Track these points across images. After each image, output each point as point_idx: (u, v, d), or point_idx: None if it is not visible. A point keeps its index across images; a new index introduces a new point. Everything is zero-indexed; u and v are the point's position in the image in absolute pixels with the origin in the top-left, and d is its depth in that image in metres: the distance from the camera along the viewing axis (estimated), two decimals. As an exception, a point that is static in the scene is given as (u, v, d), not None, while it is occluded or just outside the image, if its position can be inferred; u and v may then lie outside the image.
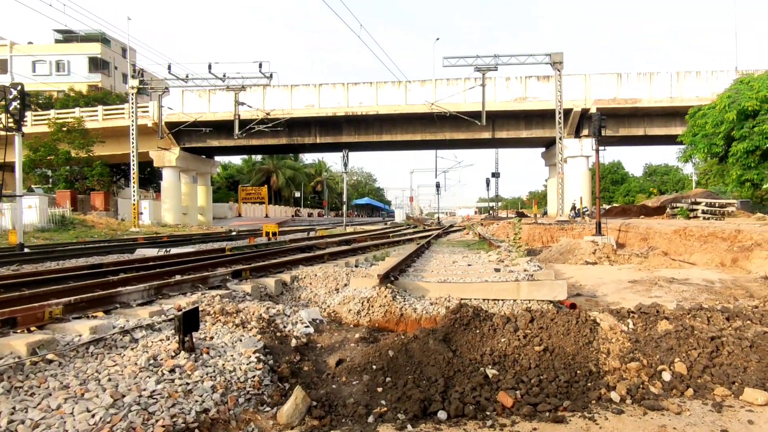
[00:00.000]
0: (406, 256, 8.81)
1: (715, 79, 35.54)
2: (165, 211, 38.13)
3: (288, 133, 37.79)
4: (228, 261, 8.92)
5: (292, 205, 75.24)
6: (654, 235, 18.16)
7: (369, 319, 6.18)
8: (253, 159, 75.33)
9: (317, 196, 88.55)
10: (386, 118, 37.20)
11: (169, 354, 3.73)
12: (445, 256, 10.91)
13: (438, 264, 9.30)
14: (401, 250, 12.75)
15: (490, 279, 7.12)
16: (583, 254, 15.70)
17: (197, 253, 11.25)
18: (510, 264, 8.44)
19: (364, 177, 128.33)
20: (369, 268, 9.12)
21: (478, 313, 4.94)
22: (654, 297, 9.01)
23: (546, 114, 36.59)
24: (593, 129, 20.12)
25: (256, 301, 5.78)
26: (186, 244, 16.34)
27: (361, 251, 11.91)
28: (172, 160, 37.89)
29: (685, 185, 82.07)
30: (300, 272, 7.62)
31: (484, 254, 11.01)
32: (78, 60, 58.05)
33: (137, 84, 29.14)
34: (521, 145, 43.67)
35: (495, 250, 11.35)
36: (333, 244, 14.65)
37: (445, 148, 43.46)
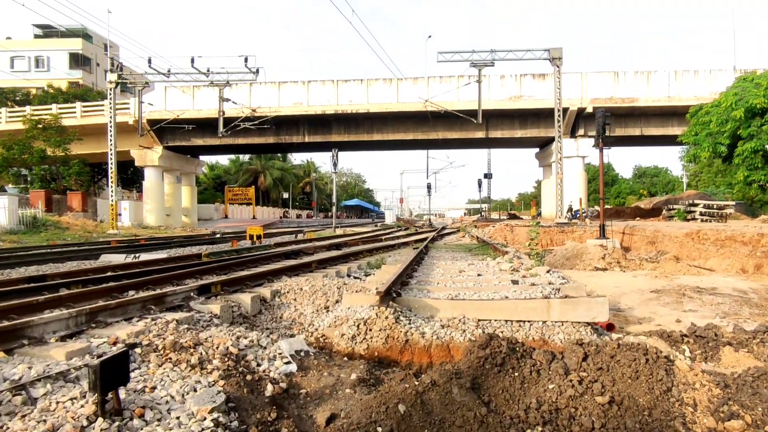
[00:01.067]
0: (406, 265, 7.62)
1: (713, 78, 34.81)
2: (147, 213, 36.61)
3: (275, 132, 36.48)
4: (200, 271, 7.68)
5: (280, 207, 73.77)
6: (663, 239, 17.17)
7: (366, 346, 4.99)
8: (240, 159, 73.76)
9: (306, 197, 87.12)
10: (377, 117, 36.03)
11: (80, 424, 2.51)
12: (448, 264, 9.75)
13: (443, 273, 8.12)
14: (397, 256, 11.57)
15: (510, 294, 5.95)
16: (592, 259, 14.62)
17: (168, 260, 9.97)
18: (527, 274, 7.29)
19: (354, 178, 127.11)
20: (364, 279, 7.93)
21: (513, 348, 3.76)
22: (689, 312, 7.91)
23: (541, 113, 35.67)
24: (597, 127, 19.08)
25: (225, 327, 4.56)
26: (162, 249, 15.03)
27: (354, 257, 10.70)
28: (154, 159, 36.41)
29: (676, 187, 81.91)
30: (283, 285, 6.41)
31: (491, 261, 9.86)
32: (58, 56, 56.21)
33: (116, 78, 27.68)
34: (515, 145, 42.72)
35: (503, 257, 10.21)
36: (322, 249, 13.43)
37: (437, 147, 42.38)
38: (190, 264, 8.64)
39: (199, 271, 7.66)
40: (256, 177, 69.94)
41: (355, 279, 8.33)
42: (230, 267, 8.42)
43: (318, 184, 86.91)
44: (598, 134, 19.24)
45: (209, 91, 33.52)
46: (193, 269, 7.74)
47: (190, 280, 7.00)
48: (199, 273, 7.51)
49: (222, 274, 7.82)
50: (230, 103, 29.08)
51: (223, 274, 7.82)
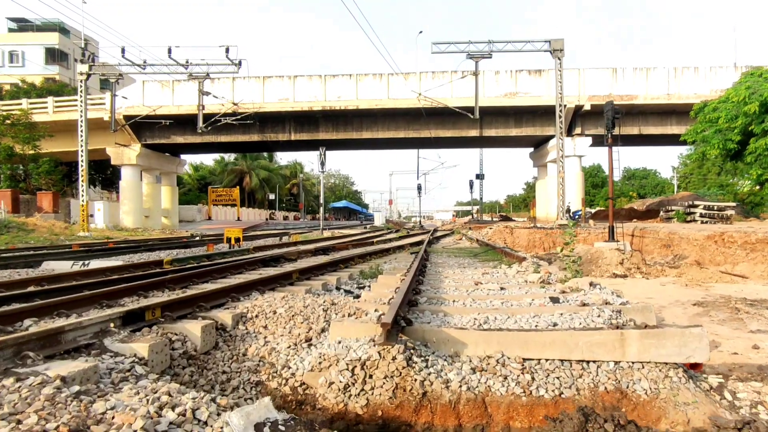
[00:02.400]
0: (411, 278, 6.04)
1: (714, 75, 33.73)
2: (124, 214, 34.66)
3: (260, 129, 34.74)
4: (150, 285, 6.03)
5: (266, 208, 71.85)
6: (680, 242, 15.80)
7: (366, 401, 3.41)
8: (225, 160, 71.79)
9: (293, 198, 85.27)
10: (367, 114, 34.45)
11: None
12: (457, 273, 8.20)
13: (456, 287, 6.55)
14: (395, 263, 9.99)
15: (558, 320, 4.39)
16: (609, 265, 13.14)
17: (121, 269, 8.30)
18: (566, 288, 5.75)
19: (342, 179, 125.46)
20: (357, 295, 6.34)
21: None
22: (758, 332, 6.44)
23: (537, 110, 34.37)
24: (606, 121, 17.70)
25: (149, 383, 2.94)
26: (128, 253, 13.32)
27: (344, 265, 9.09)
28: (131, 157, 34.49)
29: (665, 189, 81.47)
30: (252, 305, 4.80)
31: (507, 269, 8.33)
32: (34, 51, 53.90)
33: (87, 69, 25.80)
34: (510, 144, 41.37)
35: (520, 264, 8.68)
36: (307, 254, 11.81)
37: (429, 146, 40.91)
38: (144, 275, 6.99)
39: (149, 285, 6.00)
40: (241, 178, 68.01)
41: (346, 294, 6.74)
42: (191, 279, 6.78)
43: (305, 185, 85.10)
44: (607, 129, 17.86)
45: (190, 85, 31.71)
46: (143, 282, 6.09)
47: (128, 299, 5.37)
48: (147, 288, 5.86)
49: (177, 288, 6.19)
50: (211, 97, 27.32)
51: (179, 288, 6.19)
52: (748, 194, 54.64)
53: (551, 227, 21.68)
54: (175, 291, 6.04)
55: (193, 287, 6.43)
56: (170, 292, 5.83)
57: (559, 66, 24.24)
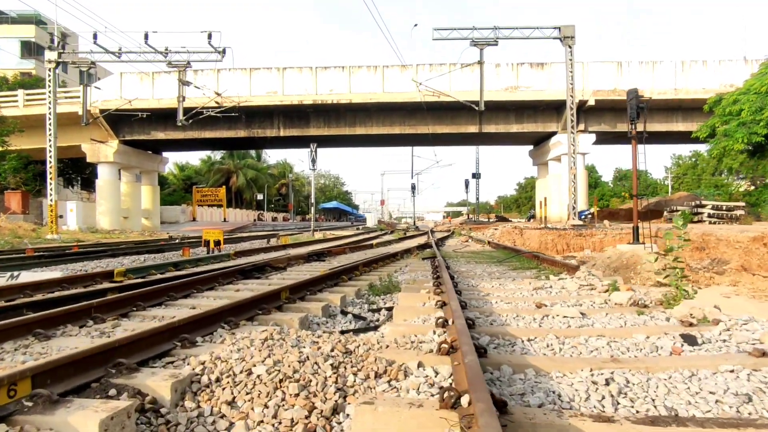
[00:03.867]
0: (456, 302, 4.12)
1: (723, 69, 32.24)
2: (100, 215, 32.40)
3: (246, 124, 32.68)
4: (58, 316, 4.01)
5: (254, 209, 69.56)
6: (717, 245, 14.09)
7: None
8: (211, 159, 69.42)
9: (282, 198, 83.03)
10: (360, 108, 32.52)
11: None
12: (495, 286, 6.31)
13: (512, 311, 4.64)
14: (409, 272, 8.07)
15: (750, 390, 2.48)
16: (649, 272, 11.33)
17: (50, 284, 6.29)
18: (683, 315, 3.88)
19: (332, 180, 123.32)
20: (375, 329, 4.42)
21: None
22: None
23: (539, 106, 32.71)
24: (630, 111, 15.99)
25: None
26: (83, 260, 11.27)
27: (346, 276, 7.13)
28: (108, 154, 32.24)
29: (659, 189, 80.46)
30: (212, 358, 2.84)
31: (556, 281, 6.48)
32: (9, 44, 51.23)
33: (56, 57, 23.61)
34: (509, 141, 39.66)
35: (571, 275, 6.83)
36: (299, 260, 9.86)
37: (426, 143, 39.06)
38: (70, 296, 4.99)
39: (63, 315, 4.00)
40: (228, 177, 65.73)
41: (356, 321, 4.82)
42: (137, 301, 4.82)
43: (294, 185, 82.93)
44: (630, 120, 16.14)
45: (171, 78, 29.57)
46: (54, 311, 4.11)
47: (10, 343, 3.41)
48: (57, 322, 3.87)
49: (109, 318, 4.22)
50: (192, 88, 25.20)
51: (112, 318, 4.23)
52: (743, 194, 53.51)
53: (564, 228, 19.93)
54: (104, 323, 4.07)
55: (132, 316, 4.47)
56: (90, 329, 3.86)
57: (570, 55, 22.48)
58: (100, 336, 3.78)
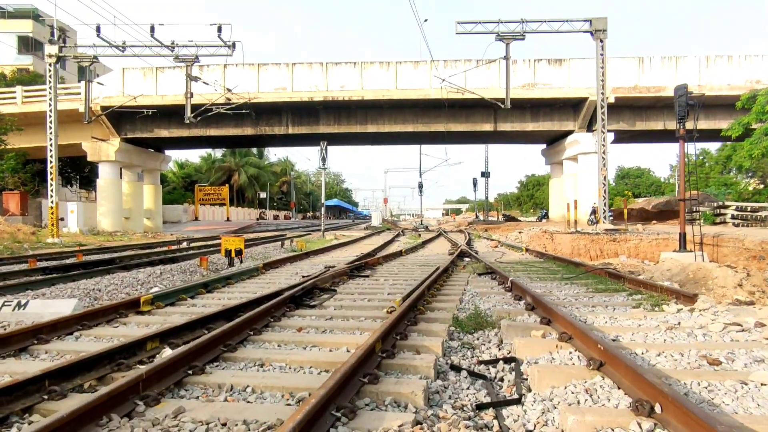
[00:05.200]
0: (633, 365, 2.98)
1: (749, 64, 31.13)
2: (101, 216, 31.13)
3: (254, 122, 31.43)
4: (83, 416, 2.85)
5: (256, 207, 68.35)
6: (782, 253, 13.02)
7: None
8: (212, 156, 68.13)
9: (284, 196, 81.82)
10: (372, 105, 31.31)
11: None
12: (604, 321, 5.18)
13: (697, 377, 3.50)
14: (481, 297, 6.91)
15: None
16: (724, 287, 10.23)
17: (67, 325, 5.11)
18: None
19: (332, 177, 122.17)
20: (524, 405, 3.26)
21: None
22: None
23: (556, 104, 31.58)
24: (679, 110, 14.86)
25: None
26: (92, 274, 10.08)
27: (422, 307, 5.96)
28: (110, 153, 30.96)
29: (664, 189, 79.35)
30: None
31: (675, 313, 5.37)
32: (6, 39, 49.69)
33: (56, 51, 22.33)
34: (523, 139, 38.53)
35: (688, 304, 5.69)
36: (343, 277, 8.70)
37: (438, 142, 37.95)
38: (113, 351, 3.81)
39: (112, 398, 2.84)
40: (229, 175, 64.47)
41: (475, 380, 3.69)
42: (192, 360, 3.66)
43: (296, 183, 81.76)
44: (679, 118, 15.00)
45: (176, 73, 28.33)
46: (105, 394, 2.95)
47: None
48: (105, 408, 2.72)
49: (161, 392, 3.08)
50: (200, 84, 23.97)
51: (165, 387, 3.09)
52: (752, 194, 52.51)
53: (597, 233, 18.81)
54: (158, 405, 2.92)
55: (190, 386, 3.32)
56: (142, 420, 2.70)
57: (601, 49, 21.28)
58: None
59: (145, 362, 3.92)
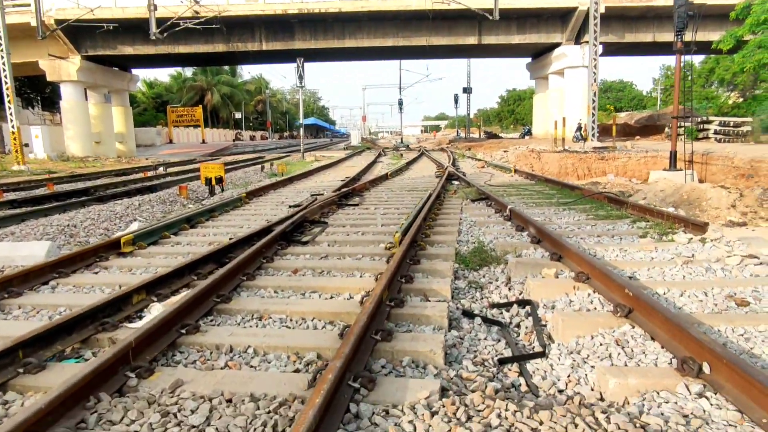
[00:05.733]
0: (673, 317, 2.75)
1: (744, -30, 29.73)
2: (69, 141, 29.70)
3: (225, 38, 29.48)
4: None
5: (231, 128, 66.30)
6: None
7: None
8: (183, 75, 64.80)
9: (259, 116, 79.36)
10: (350, 18, 29.50)
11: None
12: (614, 255, 4.98)
13: (731, 322, 3.30)
14: (479, 226, 6.65)
15: None
16: (718, 208, 10.22)
17: (41, 272, 4.70)
18: None
19: (309, 95, 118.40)
20: (549, 358, 3.03)
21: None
22: None
23: (543, 14, 30.18)
24: (678, 21, 14.15)
25: None
26: (66, 208, 9.52)
27: (422, 242, 5.67)
28: (71, 72, 28.99)
29: (646, 103, 78.72)
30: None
31: (687, 243, 5.20)
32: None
33: (-1, -44, 20.05)
34: (508, 53, 37.16)
35: (699, 234, 5.51)
36: (332, 207, 8.32)
37: (419, 57, 36.45)
38: (96, 310, 3.44)
39: (99, 374, 2.52)
40: (202, 95, 61.77)
41: (490, 326, 3.48)
42: (184, 317, 3.34)
43: (271, 102, 79.07)
44: (677, 31, 14.32)
45: (136, -18, 26.02)
46: (94, 368, 2.63)
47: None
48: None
49: (153, 359, 2.78)
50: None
51: (159, 352, 2.79)
52: (731, 107, 52.48)
53: (585, 152, 18.54)
54: (152, 376, 2.61)
55: (185, 348, 3.02)
56: (136, 400, 2.40)
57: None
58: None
59: (132, 318, 3.57)
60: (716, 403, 2.29)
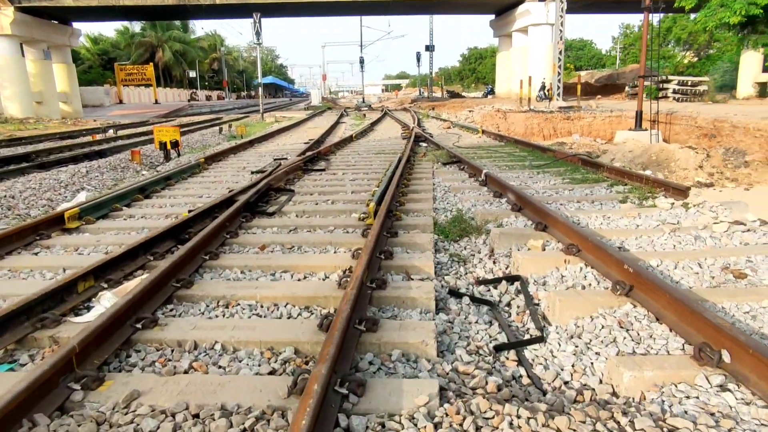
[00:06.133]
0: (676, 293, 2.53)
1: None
2: (7, 101, 27.64)
3: (175, -11, 27.65)
4: None
5: (186, 87, 63.40)
6: (732, 132, 13.08)
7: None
8: (131, 30, 61.03)
9: (215, 75, 76.18)
10: (309, -29, 28.07)
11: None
12: (598, 222, 4.80)
13: (729, 297, 3.13)
14: (454, 191, 6.37)
15: None
16: (686, 169, 10.28)
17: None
18: None
19: (266, 53, 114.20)
20: (548, 344, 2.76)
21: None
22: None
23: (507, -31, 29.53)
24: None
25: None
26: (1, 177, 8.70)
27: (398, 212, 5.34)
28: (4, 25, 26.67)
29: (605, 62, 79.25)
30: None
31: (669, 210, 5.07)
32: None
33: None
34: (470, 9, 36.32)
35: (680, 199, 5.38)
36: (297, 172, 7.85)
37: (381, 13, 35.26)
38: (34, 304, 2.99)
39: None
40: (152, 52, 58.49)
41: (479, 306, 3.22)
42: (139, 306, 2.94)
43: (227, 60, 75.84)
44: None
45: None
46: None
47: None
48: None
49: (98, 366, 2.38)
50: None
51: (105, 359, 2.40)
52: (686, 66, 53.49)
53: (551, 111, 18.42)
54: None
55: (139, 346, 2.64)
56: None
57: None
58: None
59: (79, 311, 3.14)
60: (742, 397, 2.09)
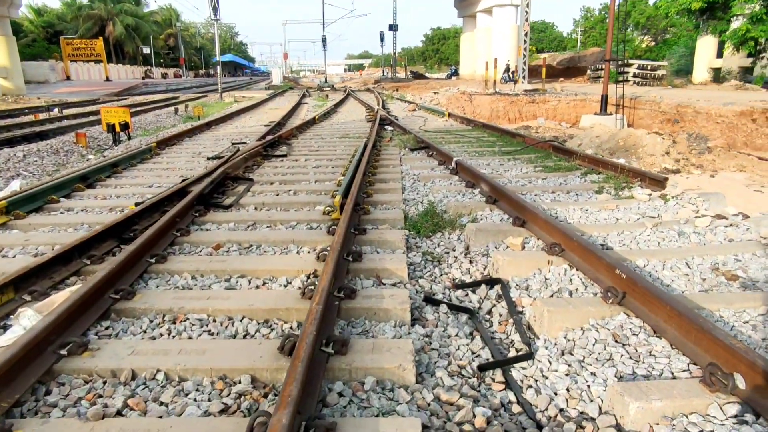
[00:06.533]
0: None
1: None
2: (-59, 76, 25.68)
3: (124, -42, 26.02)
4: None
5: (140, 64, 60.73)
6: (695, 117, 13.18)
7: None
8: (78, 2, 57.81)
9: (171, 51, 73.25)
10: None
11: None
12: (578, 216, 4.58)
13: (728, 305, 2.92)
14: (424, 181, 6.05)
15: None
16: (653, 155, 10.25)
17: None
18: None
19: (225, 30, 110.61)
20: (538, 362, 2.48)
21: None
22: None
23: (472, -53, 29.08)
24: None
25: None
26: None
27: (366, 204, 4.96)
28: (-65, -7, 24.66)
29: (567, 44, 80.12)
30: None
31: (648, 201, 4.90)
32: None
33: None
34: (436, -11, 35.79)
35: (657, 190, 5.21)
36: (256, 158, 7.36)
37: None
38: None
39: None
40: (102, 26, 55.62)
41: (457, 314, 2.91)
42: (69, 331, 2.49)
43: (184, 36, 72.99)
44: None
45: None
46: None
47: None
48: None
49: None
50: None
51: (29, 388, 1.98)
52: (644, 51, 54.62)
53: (516, 94, 18.28)
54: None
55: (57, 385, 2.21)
56: None
57: None
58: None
59: (-8, 331, 2.67)
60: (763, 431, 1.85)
